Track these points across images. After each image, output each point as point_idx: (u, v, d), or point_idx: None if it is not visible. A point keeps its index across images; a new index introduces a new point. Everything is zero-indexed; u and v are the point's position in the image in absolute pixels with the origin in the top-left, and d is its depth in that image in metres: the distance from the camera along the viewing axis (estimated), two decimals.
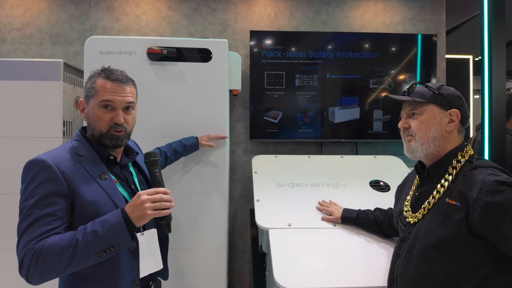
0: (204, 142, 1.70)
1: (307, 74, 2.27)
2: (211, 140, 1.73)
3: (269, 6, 2.41)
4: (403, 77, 2.33)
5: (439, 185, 0.96)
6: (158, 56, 1.70)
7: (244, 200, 2.39)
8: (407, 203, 1.07)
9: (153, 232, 1.06)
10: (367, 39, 2.31)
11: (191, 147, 1.67)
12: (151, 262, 1.03)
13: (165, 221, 0.97)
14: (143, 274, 1.01)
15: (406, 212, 1.04)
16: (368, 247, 1.27)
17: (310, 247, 1.26)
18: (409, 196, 1.08)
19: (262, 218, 1.42)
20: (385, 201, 1.47)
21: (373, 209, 1.36)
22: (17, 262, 0.86)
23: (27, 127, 1.71)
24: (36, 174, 0.89)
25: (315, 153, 2.39)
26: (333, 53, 2.28)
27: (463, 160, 0.96)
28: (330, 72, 2.29)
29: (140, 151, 1.23)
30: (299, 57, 2.27)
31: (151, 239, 1.05)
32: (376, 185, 1.70)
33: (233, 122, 2.36)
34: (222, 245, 1.77)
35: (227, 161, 1.83)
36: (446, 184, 0.95)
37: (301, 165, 1.86)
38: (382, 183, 1.71)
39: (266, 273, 1.74)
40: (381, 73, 2.31)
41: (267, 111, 2.27)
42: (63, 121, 1.75)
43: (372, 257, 1.22)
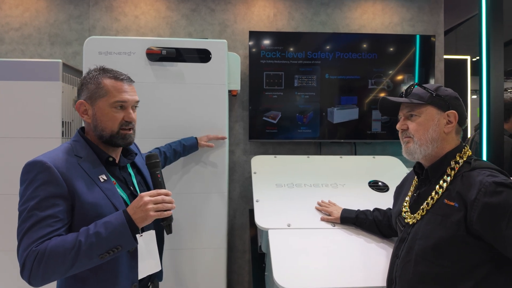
0: (203, 143, 1.70)
1: (306, 74, 2.28)
2: (211, 141, 1.74)
3: (268, 7, 2.42)
4: (401, 77, 2.34)
5: (437, 186, 0.97)
6: (157, 56, 1.70)
7: (243, 200, 2.39)
8: (405, 204, 1.07)
9: (152, 233, 1.06)
10: (365, 39, 2.32)
11: (191, 148, 1.68)
12: (149, 263, 1.04)
13: (166, 222, 0.97)
14: (141, 275, 1.01)
15: (404, 213, 1.05)
16: (367, 247, 1.27)
17: (309, 247, 1.27)
18: (408, 197, 1.09)
19: (261, 219, 1.42)
20: (384, 201, 1.48)
21: (372, 210, 1.37)
22: (17, 262, 0.86)
23: (26, 127, 1.71)
24: (35, 175, 0.89)
25: (314, 153, 2.40)
26: (332, 53, 2.29)
27: (461, 161, 0.97)
28: (329, 73, 2.30)
29: (138, 151, 1.23)
30: (298, 57, 2.27)
31: (150, 241, 1.05)
32: (374, 185, 1.70)
33: (232, 123, 2.37)
34: (221, 246, 1.78)
35: (226, 162, 1.83)
36: (445, 185, 0.95)
37: (300, 165, 1.86)
38: (381, 184, 1.72)
39: (265, 273, 1.74)
40: (380, 73, 2.32)
41: (266, 111, 2.27)
42: (62, 121, 1.75)
43: (371, 257, 1.23)
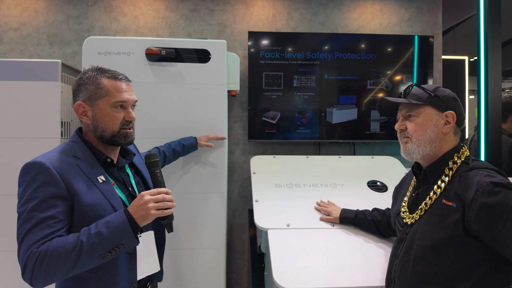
0: (203, 143, 1.71)
1: (305, 75, 2.29)
2: (210, 141, 1.74)
3: (267, 7, 2.42)
4: (400, 78, 2.35)
5: (435, 186, 0.97)
6: (157, 56, 1.71)
7: (243, 200, 2.39)
8: (404, 204, 1.08)
9: (151, 234, 1.06)
10: (364, 40, 2.32)
11: (190, 147, 1.68)
12: (148, 264, 1.04)
13: (167, 220, 0.98)
14: (140, 276, 1.01)
15: (403, 213, 1.05)
16: (366, 247, 1.28)
17: (308, 247, 1.28)
18: (406, 197, 1.09)
19: (261, 219, 1.43)
20: (382, 201, 1.49)
21: (371, 209, 1.37)
22: (17, 263, 0.86)
23: (25, 127, 1.71)
24: (34, 177, 0.89)
25: (313, 153, 2.41)
26: (330, 54, 2.30)
27: (459, 161, 0.98)
28: (328, 73, 2.31)
29: (137, 151, 1.22)
30: (297, 58, 2.28)
31: (149, 241, 1.05)
32: (373, 185, 1.71)
33: (232, 123, 2.37)
34: (221, 246, 1.78)
35: (226, 162, 1.83)
36: (443, 185, 0.96)
37: (299, 165, 1.87)
38: (380, 184, 1.72)
39: (264, 273, 1.75)
40: (379, 74, 2.33)
41: (265, 111, 2.27)
42: (61, 121, 1.74)
43: (370, 257, 1.23)
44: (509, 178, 0.92)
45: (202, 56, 1.75)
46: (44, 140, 1.71)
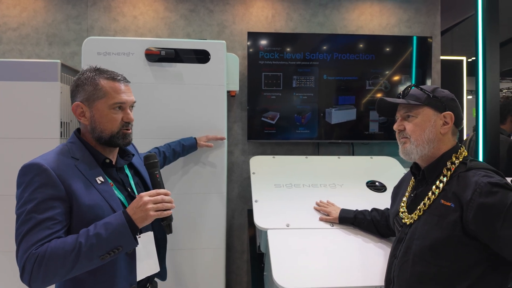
0: (202, 143, 1.71)
1: (304, 75, 2.29)
2: (210, 141, 1.74)
3: (266, 8, 2.42)
4: (398, 78, 2.36)
5: (434, 187, 0.98)
6: (156, 57, 1.71)
7: (242, 200, 2.40)
8: (403, 204, 1.08)
9: (150, 235, 1.06)
10: (363, 41, 2.33)
11: (190, 148, 1.68)
12: (148, 264, 1.03)
13: (166, 221, 0.97)
14: (140, 277, 1.01)
15: (402, 213, 1.06)
16: (366, 247, 1.29)
17: (308, 247, 1.28)
18: (405, 197, 1.10)
19: (260, 219, 1.43)
20: (381, 201, 1.49)
21: (370, 210, 1.38)
22: (15, 263, 0.86)
23: (24, 128, 1.71)
24: (32, 178, 0.88)
25: (312, 153, 2.41)
26: (330, 54, 2.30)
27: (457, 161, 0.98)
28: (327, 74, 2.31)
29: (136, 152, 1.22)
30: (296, 58, 2.28)
31: (148, 242, 1.05)
32: (372, 185, 1.72)
33: (231, 123, 2.37)
34: (220, 246, 1.78)
35: (225, 162, 1.84)
36: (441, 185, 0.97)
37: (299, 165, 1.87)
38: (378, 184, 1.73)
39: (264, 273, 1.75)
40: (377, 74, 2.34)
41: (265, 112, 2.28)
42: (61, 122, 1.74)
43: (369, 257, 1.24)
44: (507, 178, 0.93)
45: (201, 56, 1.75)
46: (44, 141, 1.71)
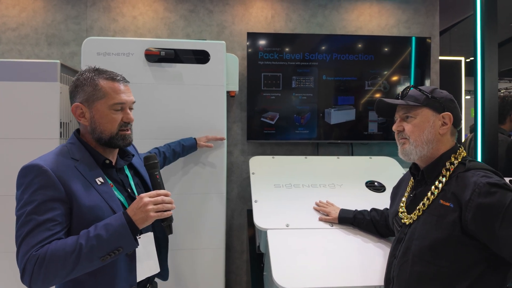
0: (202, 143, 1.71)
1: (304, 75, 2.30)
2: (209, 141, 1.75)
3: (265, 8, 2.43)
4: (397, 79, 2.37)
5: (433, 187, 0.98)
6: (156, 57, 1.71)
7: (241, 201, 2.40)
8: (402, 204, 1.09)
9: (150, 235, 1.06)
10: (362, 41, 2.34)
11: (190, 148, 1.68)
12: (148, 265, 1.03)
13: (166, 222, 0.97)
14: (140, 278, 1.01)
15: (401, 213, 1.07)
16: (365, 247, 1.29)
17: (308, 247, 1.29)
18: (404, 198, 1.10)
19: (260, 219, 1.43)
20: (380, 201, 1.50)
21: (369, 210, 1.38)
22: (15, 264, 0.86)
23: (23, 128, 1.70)
24: (32, 179, 0.88)
25: (311, 154, 2.42)
26: (329, 55, 2.31)
27: (456, 162, 0.99)
28: (326, 74, 2.32)
29: (136, 152, 1.22)
30: (295, 59, 2.29)
31: (148, 242, 1.05)
32: (371, 185, 1.72)
33: (230, 123, 2.38)
34: (220, 246, 1.79)
35: (225, 162, 1.84)
36: (440, 185, 0.97)
37: (298, 166, 1.88)
38: (377, 184, 1.74)
39: (264, 273, 1.76)
40: (376, 75, 2.35)
41: (264, 112, 2.28)
42: (60, 122, 1.74)
43: (368, 256, 1.25)
44: (506, 178, 0.93)
45: (201, 57, 1.76)
46: (43, 141, 1.71)
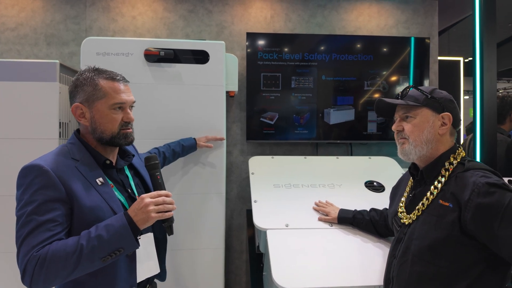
0: (202, 143, 1.71)
1: (303, 76, 2.30)
2: (209, 141, 1.75)
3: (265, 9, 2.43)
4: (396, 79, 2.37)
5: (432, 187, 0.99)
6: (156, 57, 1.71)
7: (241, 201, 2.40)
8: (401, 204, 1.09)
9: (150, 236, 1.06)
10: (361, 41, 2.34)
11: (189, 148, 1.68)
12: (148, 266, 1.03)
13: (167, 223, 0.97)
14: (140, 278, 1.01)
15: (400, 213, 1.07)
16: (364, 246, 1.30)
17: (307, 247, 1.29)
18: (404, 198, 1.11)
19: (259, 219, 1.44)
20: (380, 201, 1.50)
21: (368, 210, 1.39)
22: (15, 264, 0.85)
23: (23, 128, 1.70)
24: (33, 180, 0.88)
25: (311, 154, 2.42)
26: (328, 55, 2.31)
27: (455, 162, 0.99)
28: (326, 74, 2.32)
29: (136, 152, 1.22)
30: (295, 59, 2.29)
31: (148, 243, 1.05)
32: (371, 185, 1.73)
33: (230, 124, 2.38)
34: (220, 246, 1.79)
35: (225, 162, 1.84)
36: (439, 185, 0.97)
37: (298, 166, 1.88)
38: (377, 184, 1.74)
39: (263, 273, 1.76)
40: (375, 75, 2.35)
41: (264, 112, 2.28)
42: (59, 122, 1.74)
43: (368, 256, 1.25)
44: (505, 178, 0.94)
45: (200, 57, 1.76)
46: (42, 141, 1.70)
